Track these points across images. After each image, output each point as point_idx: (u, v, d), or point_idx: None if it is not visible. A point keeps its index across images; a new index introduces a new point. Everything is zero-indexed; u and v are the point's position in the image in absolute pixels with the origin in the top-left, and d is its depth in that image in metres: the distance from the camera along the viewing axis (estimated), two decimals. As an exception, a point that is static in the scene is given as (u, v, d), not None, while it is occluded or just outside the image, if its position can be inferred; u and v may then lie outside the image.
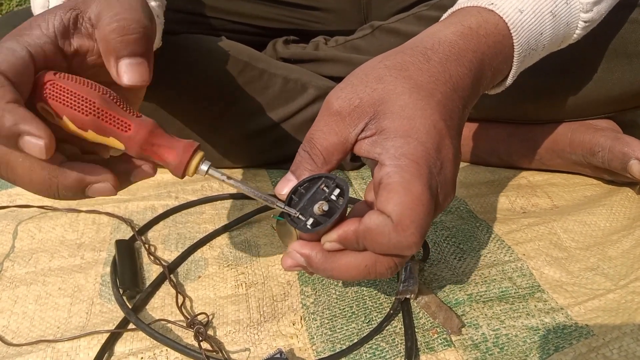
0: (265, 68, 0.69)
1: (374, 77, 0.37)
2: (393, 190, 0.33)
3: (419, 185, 0.33)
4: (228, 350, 0.45)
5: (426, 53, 0.38)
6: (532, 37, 0.43)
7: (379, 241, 0.34)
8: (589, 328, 0.44)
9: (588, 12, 0.45)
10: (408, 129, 0.35)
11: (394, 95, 0.36)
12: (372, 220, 0.34)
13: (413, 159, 0.34)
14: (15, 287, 0.53)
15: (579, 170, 0.67)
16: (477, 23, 0.41)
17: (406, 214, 0.33)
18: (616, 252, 0.53)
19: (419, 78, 0.37)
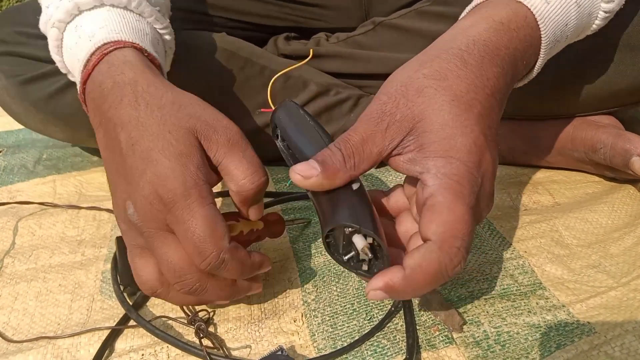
0: (266, 64, 0.69)
1: (414, 90, 0.37)
2: (437, 212, 0.34)
3: (462, 206, 0.34)
4: (229, 347, 0.45)
5: (462, 56, 0.38)
6: (558, 28, 0.43)
7: (429, 272, 0.34)
8: (591, 325, 0.43)
9: (609, 2, 0.45)
10: (449, 149, 0.35)
11: (434, 110, 0.36)
12: (415, 258, 0.34)
13: (456, 179, 0.34)
14: (16, 284, 0.53)
15: (580, 167, 0.66)
16: (508, 17, 0.40)
17: (450, 233, 0.33)
18: (618, 249, 0.52)
19: (459, 88, 0.36)
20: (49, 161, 0.79)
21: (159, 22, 0.51)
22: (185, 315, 0.48)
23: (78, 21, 0.47)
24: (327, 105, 0.70)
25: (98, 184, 0.72)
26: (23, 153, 0.82)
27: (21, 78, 0.64)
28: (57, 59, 0.51)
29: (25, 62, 0.64)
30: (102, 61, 0.44)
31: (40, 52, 0.64)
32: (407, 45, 0.68)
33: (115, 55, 0.44)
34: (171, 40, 0.55)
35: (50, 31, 0.48)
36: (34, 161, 0.79)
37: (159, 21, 0.51)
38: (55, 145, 0.83)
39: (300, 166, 0.36)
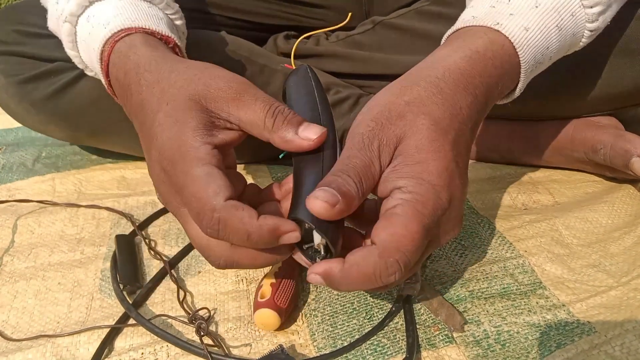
0: (266, 63, 0.69)
1: (396, 114, 0.38)
2: (391, 222, 0.35)
3: (416, 225, 0.35)
4: (229, 346, 0.45)
5: (438, 84, 0.39)
6: (538, 52, 0.43)
7: (363, 272, 0.35)
8: (591, 325, 0.43)
9: (594, 22, 0.45)
10: (421, 171, 0.36)
11: (413, 133, 0.37)
12: (356, 256, 0.35)
13: (421, 199, 0.35)
14: (15, 282, 0.53)
15: (580, 167, 0.66)
16: (484, 46, 0.41)
17: (394, 245, 0.34)
18: (618, 249, 0.52)
19: (436, 113, 0.38)
20: (48, 159, 0.79)
21: (170, 8, 0.52)
22: (185, 314, 0.47)
23: (90, 11, 0.47)
24: (327, 104, 0.70)
25: (97, 182, 0.72)
26: (22, 151, 0.81)
27: (20, 77, 0.64)
28: (72, 55, 0.51)
29: (24, 61, 0.64)
30: (112, 52, 0.44)
31: (39, 51, 0.64)
32: (406, 45, 0.68)
33: (123, 42, 0.44)
34: (183, 25, 0.55)
35: (63, 26, 0.48)
36: (33, 159, 0.79)
37: (169, 6, 0.52)
38: (54, 144, 0.83)
39: (321, 193, 0.34)
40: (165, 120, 0.38)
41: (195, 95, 0.38)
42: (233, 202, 0.36)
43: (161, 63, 0.42)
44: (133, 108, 0.42)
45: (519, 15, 0.42)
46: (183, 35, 0.56)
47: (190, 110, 0.38)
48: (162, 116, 0.38)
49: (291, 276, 0.47)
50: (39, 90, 0.64)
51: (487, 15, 0.43)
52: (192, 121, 0.37)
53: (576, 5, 0.44)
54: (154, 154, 0.38)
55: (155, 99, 0.39)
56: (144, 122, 0.40)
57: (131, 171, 0.74)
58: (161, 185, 0.39)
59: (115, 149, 0.74)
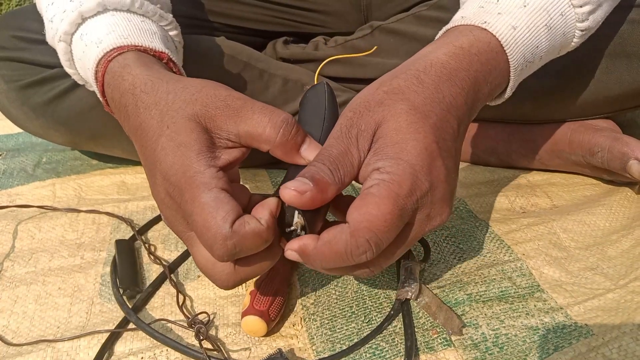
0: (265, 68, 0.69)
1: (375, 102, 0.38)
2: (365, 202, 0.35)
3: (390, 205, 0.35)
4: (228, 350, 0.45)
5: (419, 76, 0.39)
6: (527, 51, 0.44)
7: (335, 250, 0.36)
8: (589, 327, 0.44)
9: (584, 21, 0.46)
10: (399, 151, 0.36)
11: (392, 116, 0.37)
12: (329, 233, 0.36)
13: (397, 179, 0.35)
14: (15, 287, 0.53)
15: (578, 170, 0.67)
16: (469, 42, 0.42)
17: (365, 224, 0.35)
18: (615, 251, 0.53)
19: (416, 100, 0.38)
20: (49, 164, 0.79)
21: (164, 19, 0.52)
22: (184, 318, 0.48)
23: (83, 30, 0.47)
24: (326, 108, 0.70)
25: (97, 187, 0.72)
26: (23, 156, 0.82)
27: (20, 83, 0.65)
28: (71, 72, 0.51)
29: (25, 67, 0.65)
30: (106, 72, 0.44)
31: (40, 57, 0.64)
32: (404, 50, 0.69)
33: (116, 61, 0.44)
34: (178, 34, 0.55)
35: (59, 46, 0.48)
36: (33, 165, 0.79)
37: (163, 18, 0.52)
38: (54, 149, 0.84)
39: (292, 183, 0.35)
40: (168, 145, 0.38)
41: (195, 116, 0.38)
42: (239, 221, 0.36)
43: (157, 84, 0.41)
44: (132, 129, 0.42)
45: (506, 14, 0.42)
46: (179, 44, 0.56)
47: (192, 132, 0.37)
48: (164, 140, 0.38)
49: (271, 280, 0.48)
50: (39, 95, 0.65)
51: (476, 14, 0.43)
52: (195, 144, 0.37)
53: (565, 4, 0.44)
54: (159, 179, 0.38)
55: (154, 122, 0.39)
56: (145, 146, 0.40)
57: (131, 176, 0.74)
58: (166, 209, 0.39)
59: (115, 154, 0.75)
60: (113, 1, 0.47)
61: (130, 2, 0.48)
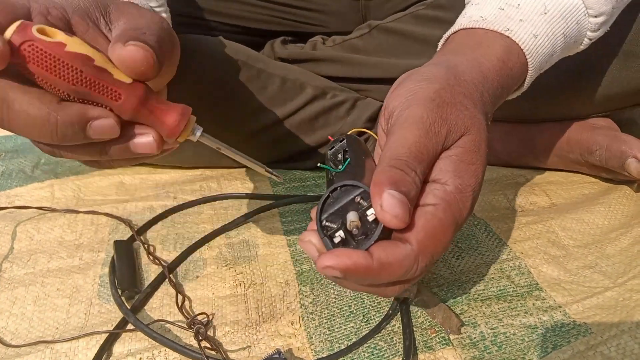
0: (263, 68, 0.69)
1: (459, 103, 0.36)
2: (431, 225, 0.32)
3: (452, 232, 0.33)
4: (227, 350, 0.45)
5: (481, 90, 0.38)
6: (544, 60, 0.44)
7: (396, 274, 0.32)
8: (587, 326, 0.44)
9: (595, 31, 0.46)
10: (471, 174, 0.34)
11: (477, 132, 0.35)
12: (389, 254, 0.32)
13: (461, 205, 0.34)
14: (14, 288, 0.53)
15: (577, 168, 0.67)
16: (506, 55, 0.41)
17: (430, 250, 0.32)
18: (614, 250, 0.53)
19: (483, 118, 0.37)
20: (47, 165, 0.79)
21: (154, 0, 0.51)
22: (184, 319, 0.48)
23: None
24: (324, 108, 0.70)
25: (96, 188, 0.72)
26: (21, 158, 0.82)
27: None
28: None
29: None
30: None
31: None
32: (403, 49, 0.69)
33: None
34: (168, 18, 0.54)
35: None
36: (32, 166, 0.79)
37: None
38: (53, 150, 0.83)
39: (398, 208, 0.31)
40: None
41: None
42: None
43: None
44: None
45: (528, 22, 0.42)
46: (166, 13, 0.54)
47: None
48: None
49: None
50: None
51: (497, 18, 0.42)
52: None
53: (582, 13, 0.44)
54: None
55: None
56: None
57: (130, 177, 0.74)
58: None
59: None
60: None
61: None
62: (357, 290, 0.36)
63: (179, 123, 0.34)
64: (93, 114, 0.32)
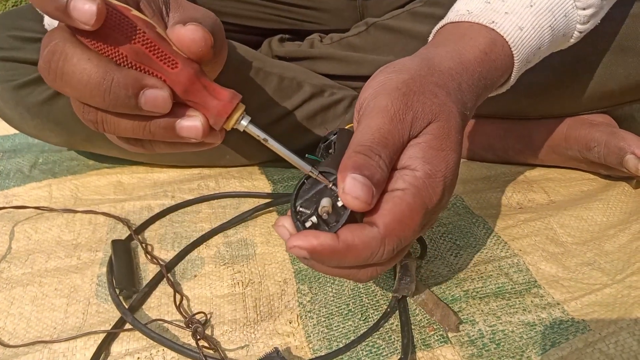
0: (261, 66, 0.69)
1: (429, 91, 0.36)
2: (398, 208, 0.33)
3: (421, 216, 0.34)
4: (225, 349, 0.45)
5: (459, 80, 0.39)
6: (530, 52, 0.44)
7: (361, 256, 0.34)
8: (586, 323, 0.44)
9: (585, 24, 0.46)
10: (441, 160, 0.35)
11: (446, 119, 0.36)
12: (355, 236, 0.33)
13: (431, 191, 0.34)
14: (12, 288, 0.53)
15: (575, 165, 0.66)
16: (488, 46, 0.41)
17: (396, 233, 0.34)
18: (613, 246, 0.53)
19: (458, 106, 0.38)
20: (45, 165, 0.79)
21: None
22: (182, 318, 0.48)
23: None
24: (322, 106, 0.70)
25: (94, 188, 0.72)
26: (19, 157, 0.82)
27: (15, 83, 0.64)
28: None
29: (19, 66, 0.64)
30: None
31: (35, 56, 0.64)
32: (400, 46, 0.69)
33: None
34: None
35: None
36: (30, 165, 0.79)
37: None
38: (51, 150, 0.83)
39: (360, 191, 0.32)
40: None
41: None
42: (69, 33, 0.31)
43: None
44: None
45: (513, 14, 0.42)
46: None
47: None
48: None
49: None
50: (34, 95, 0.65)
51: (483, 12, 0.43)
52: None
53: (569, 5, 0.44)
54: None
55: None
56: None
57: (127, 176, 0.74)
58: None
59: (111, 153, 0.74)
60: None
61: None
62: (329, 274, 0.37)
63: (230, 102, 0.34)
64: (148, 82, 0.32)
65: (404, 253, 0.38)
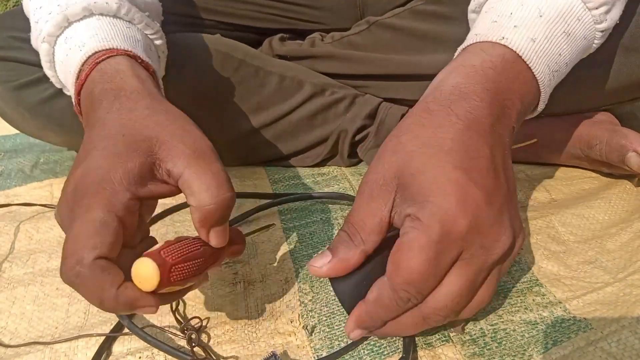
0: (261, 65, 0.69)
1: (389, 152, 0.38)
2: (398, 254, 0.35)
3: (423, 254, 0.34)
4: (225, 349, 0.45)
5: (427, 107, 0.39)
6: (551, 61, 0.42)
7: (384, 305, 0.37)
8: (588, 321, 0.43)
9: (602, 22, 0.45)
10: (424, 194, 0.35)
11: (405, 161, 0.36)
12: (372, 293, 0.37)
13: (425, 226, 0.34)
14: (13, 288, 0.53)
15: (577, 163, 0.66)
16: (481, 59, 0.40)
17: (401, 279, 0.35)
18: (614, 245, 0.52)
19: (424, 134, 0.37)
20: (46, 165, 0.79)
21: (150, 28, 0.51)
22: (177, 323, 0.47)
23: (68, 33, 0.46)
24: (323, 105, 0.70)
25: (95, 188, 0.72)
26: (20, 157, 0.82)
27: (15, 83, 0.64)
28: (50, 74, 0.50)
29: (20, 67, 0.64)
30: (94, 70, 0.43)
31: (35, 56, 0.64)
32: (401, 45, 0.68)
33: (108, 63, 0.43)
34: (163, 44, 0.55)
35: (42, 47, 0.47)
36: (31, 165, 0.79)
37: (149, 26, 0.51)
38: (52, 149, 0.83)
39: (315, 260, 0.38)
40: (109, 149, 0.36)
41: (158, 140, 0.37)
42: (102, 263, 0.34)
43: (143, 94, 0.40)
44: (91, 121, 0.40)
45: (523, 27, 0.41)
46: (163, 54, 0.55)
47: (137, 151, 0.36)
48: (109, 143, 0.37)
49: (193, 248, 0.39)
50: (34, 95, 0.65)
51: (490, 30, 0.42)
52: (130, 163, 0.36)
53: (580, 8, 0.43)
54: (78, 172, 0.36)
55: (117, 124, 0.38)
56: (91, 138, 0.38)
57: (129, 175, 0.74)
58: (63, 204, 0.37)
59: None
60: (99, 6, 0.46)
61: (116, 8, 0.47)
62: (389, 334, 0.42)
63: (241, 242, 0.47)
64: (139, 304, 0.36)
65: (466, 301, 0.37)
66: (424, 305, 0.37)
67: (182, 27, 0.71)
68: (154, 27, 0.52)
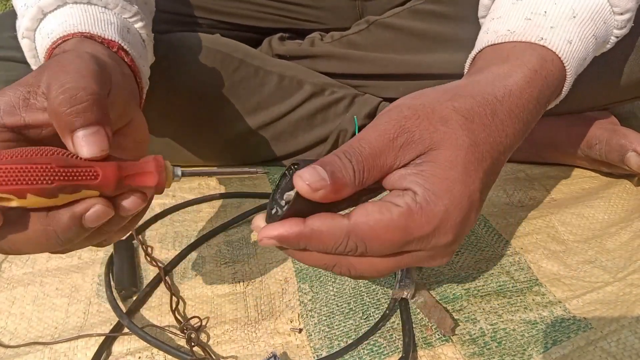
0: (261, 65, 0.69)
1: (439, 117, 0.34)
2: (379, 216, 0.32)
3: (398, 235, 0.32)
4: (224, 349, 0.45)
5: (494, 107, 0.36)
6: (579, 64, 0.43)
7: (325, 242, 0.33)
8: (587, 321, 0.43)
9: (622, 28, 0.45)
10: (444, 190, 0.33)
11: (451, 145, 0.34)
12: (320, 222, 0.33)
13: (422, 219, 0.33)
14: (13, 288, 0.53)
15: (576, 162, 0.66)
16: (539, 64, 0.40)
17: (363, 235, 0.32)
18: (614, 244, 0.52)
19: (480, 136, 0.35)
20: (46, 165, 0.79)
21: (127, 11, 0.50)
22: (177, 323, 0.47)
23: (42, 24, 0.46)
24: (323, 105, 0.70)
25: (95, 188, 0.72)
26: (20, 158, 0.82)
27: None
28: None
29: (20, 66, 0.64)
30: (50, 56, 0.42)
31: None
32: (401, 44, 0.68)
33: (60, 47, 0.42)
34: (145, 26, 0.53)
35: (22, 42, 0.47)
36: (30, 165, 0.79)
37: (126, 9, 0.49)
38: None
39: (309, 174, 0.31)
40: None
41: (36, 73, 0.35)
42: None
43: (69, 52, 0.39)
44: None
45: (559, 28, 0.41)
46: (148, 37, 0.54)
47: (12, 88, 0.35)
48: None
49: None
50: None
51: (526, 29, 0.41)
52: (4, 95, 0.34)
53: (607, 12, 0.43)
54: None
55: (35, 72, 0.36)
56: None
57: (128, 175, 0.74)
58: None
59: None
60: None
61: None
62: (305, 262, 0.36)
63: (160, 182, 0.35)
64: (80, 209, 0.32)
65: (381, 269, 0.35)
66: (350, 259, 0.34)
67: (182, 26, 0.71)
68: (131, 10, 0.50)
